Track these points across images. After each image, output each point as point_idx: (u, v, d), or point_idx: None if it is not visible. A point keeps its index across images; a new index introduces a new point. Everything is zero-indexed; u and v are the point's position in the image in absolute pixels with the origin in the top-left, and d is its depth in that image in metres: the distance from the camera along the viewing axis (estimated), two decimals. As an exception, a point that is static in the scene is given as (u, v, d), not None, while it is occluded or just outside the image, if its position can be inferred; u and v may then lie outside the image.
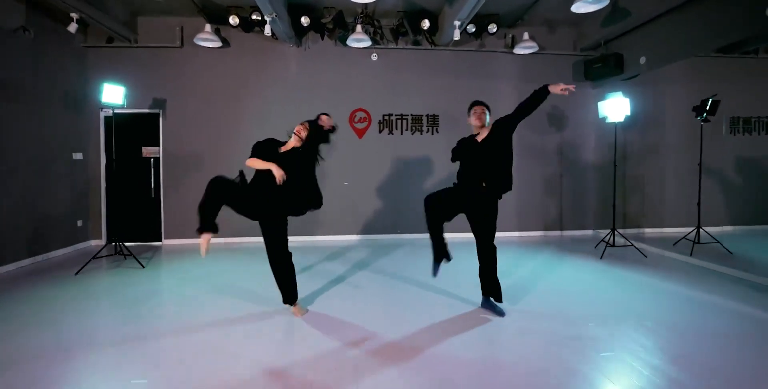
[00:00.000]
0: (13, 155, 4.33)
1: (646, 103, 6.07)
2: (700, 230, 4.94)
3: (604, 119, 4.98)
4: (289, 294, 2.94)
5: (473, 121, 3.04)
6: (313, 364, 2.27)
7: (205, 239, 2.70)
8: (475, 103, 3.11)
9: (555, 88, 2.80)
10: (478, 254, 3.00)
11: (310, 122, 2.94)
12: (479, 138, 3.01)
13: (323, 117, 3.04)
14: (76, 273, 4.07)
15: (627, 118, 4.86)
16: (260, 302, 3.23)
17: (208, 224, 2.68)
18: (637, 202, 6.23)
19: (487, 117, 3.04)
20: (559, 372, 2.18)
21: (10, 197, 4.27)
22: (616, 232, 4.95)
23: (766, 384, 2.06)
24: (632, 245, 4.95)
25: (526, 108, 2.88)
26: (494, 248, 2.97)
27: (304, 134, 2.87)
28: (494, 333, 2.70)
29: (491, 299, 3.02)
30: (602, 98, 5.31)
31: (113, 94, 4.35)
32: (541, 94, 2.84)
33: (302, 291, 3.24)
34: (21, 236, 4.42)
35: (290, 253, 2.93)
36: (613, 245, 4.90)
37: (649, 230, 6.15)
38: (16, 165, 4.37)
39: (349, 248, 5.35)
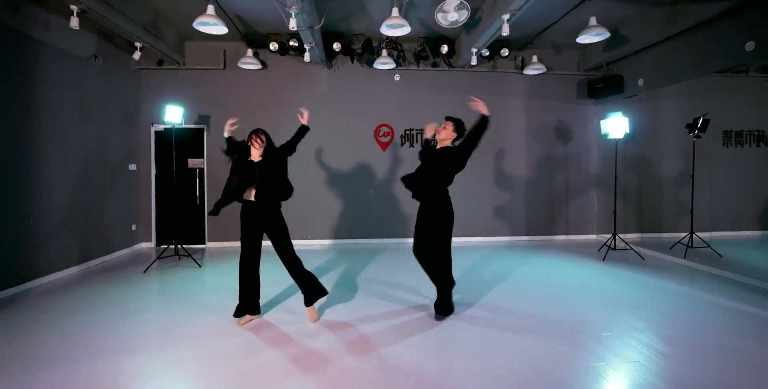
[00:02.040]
0: (83, 167, 4.93)
1: (645, 118, 6.63)
2: (693, 235, 5.50)
3: (605, 135, 5.55)
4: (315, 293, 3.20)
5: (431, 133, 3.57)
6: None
7: (244, 320, 3.12)
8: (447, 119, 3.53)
9: (483, 109, 3.42)
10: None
11: (260, 133, 3.22)
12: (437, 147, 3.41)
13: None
14: (144, 271, 4.67)
15: (627, 133, 5.42)
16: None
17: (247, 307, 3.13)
18: (636, 209, 6.78)
19: (450, 131, 3.42)
20: (568, 346, 2.74)
21: (81, 204, 4.88)
22: (617, 237, 5.51)
23: (743, 358, 2.61)
24: (631, 248, 5.51)
25: (474, 139, 3.33)
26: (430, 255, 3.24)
27: (258, 143, 3.14)
28: (509, 319, 3.25)
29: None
30: (604, 115, 5.89)
31: (174, 114, 4.97)
32: (484, 122, 3.37)
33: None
34: (88, 239, 5.01)
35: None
36: (614, 249, 5.46)
37: (646, 235, 6.70)
38: (86, 176, 4.97)
39: (379, 250, 5.93)
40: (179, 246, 5.13)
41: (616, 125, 5.30)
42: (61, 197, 4.57)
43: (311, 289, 3.17)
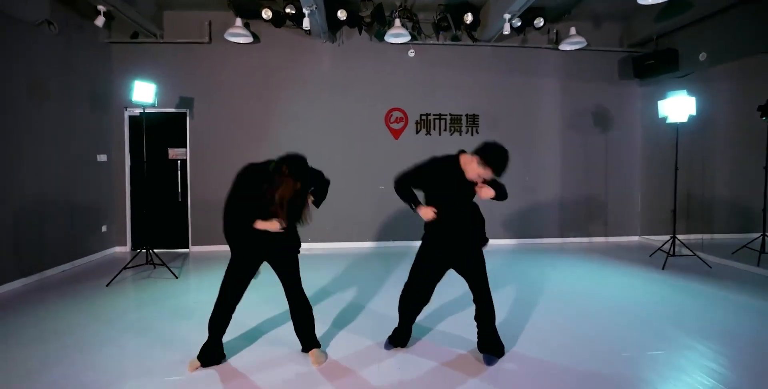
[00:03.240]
0: (38, 157, 4.06)
1: (698, 102, 5.73)
2: (766, 237, 4.62)
3: (664, 119, 4.65)
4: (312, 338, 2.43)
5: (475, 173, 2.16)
6: None
7: (193, 367, 2.26)
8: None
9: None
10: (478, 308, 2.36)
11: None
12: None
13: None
14: (107, 285, 3.80)
15: (691, 116, 4.52)
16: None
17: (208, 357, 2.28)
18: (687, 207, 5.88)
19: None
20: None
21: (35, 202, 4.01)
22: (677, 240, 4.63)
23: None
24: (695, 254, 4.62)
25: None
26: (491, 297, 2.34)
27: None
28: (562, 355, 2.40)
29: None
30: (652, 98, 5.00)
31: (144, 92, 4.06)
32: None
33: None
34: (46, 243, 4.15)
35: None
36: (674, 255, 4.58)
37: (701, 237, 5.81)
38: (41, 167, 4.11)
39: (379, 255, 5.06)
40: (151, 252, 4.26)
41: (678, 107, 4.40)
42: (7, 191, 3.70)
43: (308, 337, 2.42)
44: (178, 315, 3.09)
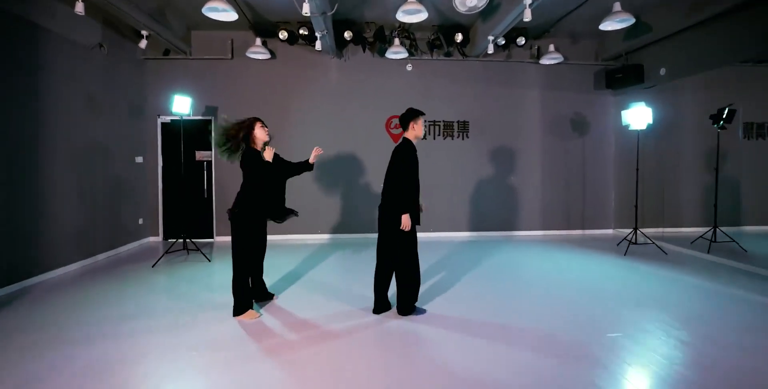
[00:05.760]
0: (89, 160, 4.79)
1: (665, 110, 6.42)
2: (717, 229, 5.32)
3: (627, 126, 5.36)
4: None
5: (420, 132, 3.22)
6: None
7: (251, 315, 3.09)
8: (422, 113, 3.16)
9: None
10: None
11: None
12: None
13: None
14: (153, 266, 4.54)
15: (649, 124, 5.22)
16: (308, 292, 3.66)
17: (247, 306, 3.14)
18: (656, 203, 6.59)
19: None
20: (598, 346, 2.59)
21: (87, 198, 4.74)
22: (638, 231, 5.33)
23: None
24: (653, 243, 5.33)
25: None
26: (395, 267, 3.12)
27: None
28: (553, 311, 3.11)
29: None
30: (624, 106, 5.70)
31: (181, 104, 4.81)
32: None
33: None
34: (96, 232, 4.88)
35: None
36: (636, 243, 5.29)
37: (668, 230, 6.51)
38: (92, 169, 4.84)
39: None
40: (187, 241, 4.99)
41: (638, 116, 5.11)
42: (67, 190, 4.44)
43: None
44: (217, 287, 3.81)
